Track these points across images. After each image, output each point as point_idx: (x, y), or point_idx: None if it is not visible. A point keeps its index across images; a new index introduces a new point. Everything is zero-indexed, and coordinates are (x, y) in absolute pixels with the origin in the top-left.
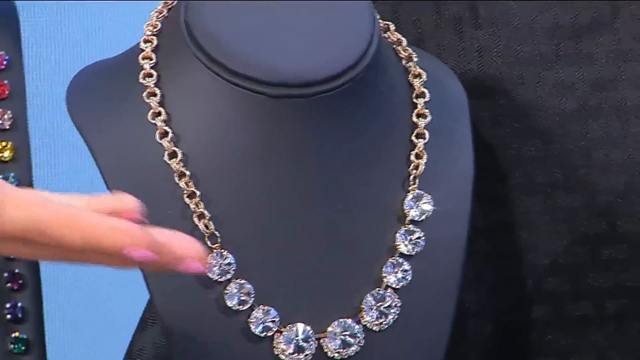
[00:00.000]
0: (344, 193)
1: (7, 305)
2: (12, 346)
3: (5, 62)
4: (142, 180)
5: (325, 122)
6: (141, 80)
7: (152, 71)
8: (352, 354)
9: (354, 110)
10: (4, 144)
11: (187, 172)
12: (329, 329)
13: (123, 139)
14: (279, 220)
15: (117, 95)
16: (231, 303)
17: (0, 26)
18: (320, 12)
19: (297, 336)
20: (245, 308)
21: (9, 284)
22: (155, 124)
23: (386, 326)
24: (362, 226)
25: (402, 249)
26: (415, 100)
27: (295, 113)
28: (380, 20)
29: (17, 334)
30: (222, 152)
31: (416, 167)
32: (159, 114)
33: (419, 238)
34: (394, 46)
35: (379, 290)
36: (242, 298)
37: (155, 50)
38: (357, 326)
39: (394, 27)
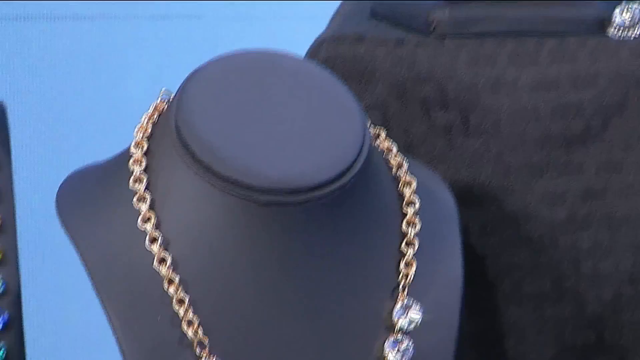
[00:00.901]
0: (331, 301)
1: None
2: None
3: None
4: (131, 287)
5: (314, 230)
6: (131, 185)
7: (142, 176)
8: None
9: (343, 218)
10: None
11: (176, 278)
12: None
13: (112, 244)
14: (267, 328)
15: (107, 200)
16: None
17: None
18: (311, 118)
19: None
20: None
21: None
22: (144, 230)
23: None
24: (349, 336)
25: (391, 358)
26: (405, 208)
27: (285, 220)
28: (371, 127)
29: None
30: (211, 257)
31: (406, 276)
32: (149, 218)
33: (407, 348)
34: (384, 154)
35: None
36: None
37: (145, 154)
38: None
39: (384, 134)
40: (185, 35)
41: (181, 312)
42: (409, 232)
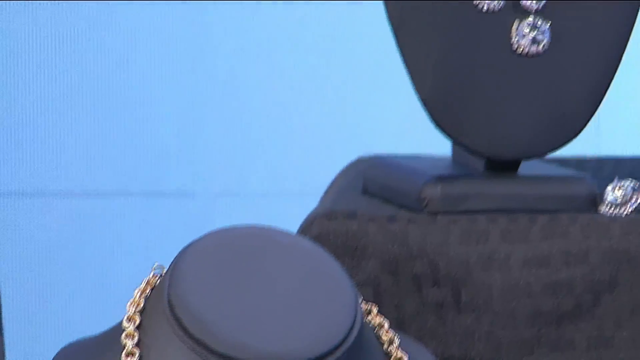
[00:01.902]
0: None
1: None
2: None
3: None
4: None
5: None
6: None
7: (135, 349)
8: None
9: None
10: None
11: None
12: None
13: None
14: None
15: None
16: None
17: None
18: (303, 295)
19: None
20: None
21: None
22: None
23: None
24: None
25: None
26: None
27: None
28: (363, 303)
29: None
30: None
31: None
32: None
33: None
34: (376, 330)
35: None
36: None
37: (138, 328)
38: None
39: (376, 310)
40: (178, 212)
41: None
42: None
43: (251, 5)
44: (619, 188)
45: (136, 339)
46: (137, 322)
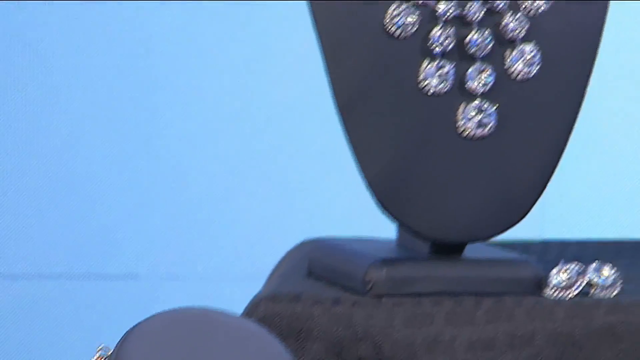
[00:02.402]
0: None
1: None
2: None
3: None
4: None
5: None
6: None
7: None
8: None
9: None
10: None
11: None
12: None
13: None
14: None
15: None
16: None
17: None
18: None
19: None
20: None
21: None
22: None
23: None
24: None
25: None
26: None
27: None
28: None
29: None
30: None
31: None
32: None
33: None
34: None
35: None
36: None
37: None
38: None
39: None
40: (123, 295)
41: None
42: None
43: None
44: (564, 271)
45: None
46: None
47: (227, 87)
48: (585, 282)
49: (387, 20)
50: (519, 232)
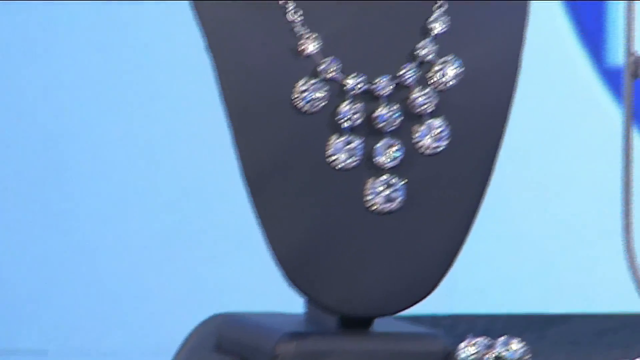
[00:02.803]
0: None
1: None
2: None
3: None
4: None
5: None
6: None
7: None
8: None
9: None
10: None
11: None
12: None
13: None
14: None
15: None
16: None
17: None
18: None
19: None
20: None
21: None
22: None
23: None
24: None
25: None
26: None
27: None
28: None
29: None
30: None
31: None
32: None
33: None
34: None
35: None
36: None
37: None
38: None
39: None
40: None
41: None
42: None
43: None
44: (472, 345)
45: None
46: None
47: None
48: (493, 356)
49: (296, 96)
50: (428, 306)
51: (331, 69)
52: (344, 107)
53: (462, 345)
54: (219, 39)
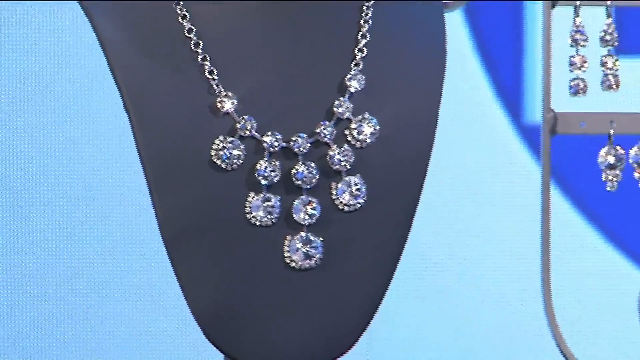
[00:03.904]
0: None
1: None
2: None
3: None
4: None
5: None
6: None
7: None
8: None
9: None
10: None
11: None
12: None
13: None
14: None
15: None
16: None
17: None
18: None
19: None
20: None
21: None
22: None
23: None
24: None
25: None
26: None
27: None
28: None
29: None
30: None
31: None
32: None
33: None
34: None
35: None
36: None
37: None
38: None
39: None
40: None
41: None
42: None
43: None
44: None
45: None
46: None
47: None
48: None
49: (213, 153)
50: None
51: (249, 127)
52: (262, 164)
53: None
54: (137, 96)
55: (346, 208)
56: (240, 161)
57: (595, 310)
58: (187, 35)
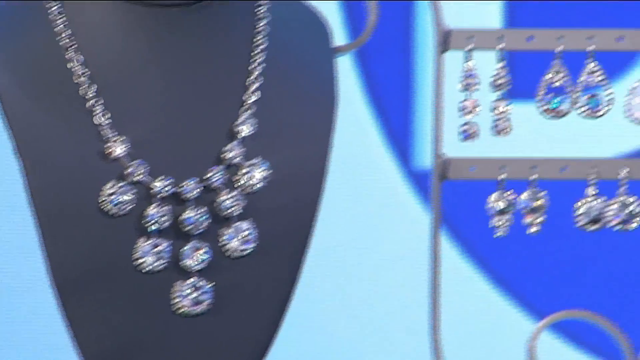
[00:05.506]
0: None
1: None
2: None
3: None
4: None
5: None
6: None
7: None
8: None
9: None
10: None
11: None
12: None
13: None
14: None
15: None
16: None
17: None
18: None
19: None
20: None
21: None
22: None
23: None
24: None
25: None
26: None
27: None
28: None
29: None
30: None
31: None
32: None
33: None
34: None
35: None
36: None
37: None
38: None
39: None
40: None
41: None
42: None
43: None
44: None
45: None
46: None
47: None
48: None
49: (103, 199)
50: None
51: (138, 172)
52: (151, 210)
53: None
54: (27, 141)
55: (236, 253)
56: (130, 206)
57: (484, 355)
58: (80, 79)
